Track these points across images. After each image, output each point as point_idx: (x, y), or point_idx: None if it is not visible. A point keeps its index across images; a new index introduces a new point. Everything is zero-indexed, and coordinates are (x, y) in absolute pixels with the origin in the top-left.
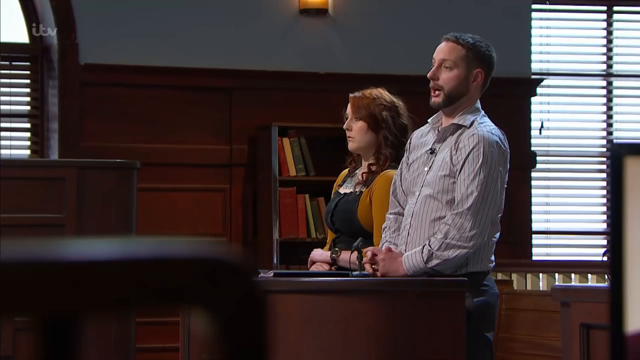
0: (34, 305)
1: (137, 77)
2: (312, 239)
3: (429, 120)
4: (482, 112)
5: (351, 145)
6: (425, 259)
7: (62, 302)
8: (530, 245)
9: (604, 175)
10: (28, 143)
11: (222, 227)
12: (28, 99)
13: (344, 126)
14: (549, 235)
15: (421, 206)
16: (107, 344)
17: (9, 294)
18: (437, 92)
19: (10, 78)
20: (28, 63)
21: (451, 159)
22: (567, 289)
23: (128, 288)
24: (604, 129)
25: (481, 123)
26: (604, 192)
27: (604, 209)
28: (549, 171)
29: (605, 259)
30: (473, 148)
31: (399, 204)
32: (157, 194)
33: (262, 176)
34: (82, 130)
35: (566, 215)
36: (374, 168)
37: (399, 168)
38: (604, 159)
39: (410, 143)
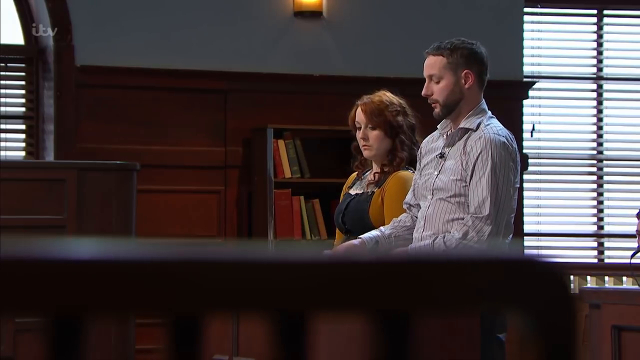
0: (373, 303)
1: (132, 79)
2: (307, 241)
3: (438, 127)
4: (489, 113)
5: (368, 154)
6: None
7: (397, 301)
8: (522, 247)
9: (594, 177)
10: (23, 145)
11: (217, 228)
12: (23, 100)
13: (359, 136)
14: (540, 237)
15: (434, 209)
16: (107, 345)
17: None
18: (434, 105)
19: (5, 80)
20: (23, 65)
21: (461, 163)
22: (597, 291)
23: (452, 288)
24: (594, 132)
25: (488, 125)
26: (595, 194)
27: (595, 211)
28: (540, 173)
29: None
30: (481, 152)
31: (410, 206)
32: (153, 196)
33: (257, 178)
34: (78, 132)
35: (557, 217)
36: (386, 169)
37: (414, 177)
38: (595, 161)
39: (421, 149)
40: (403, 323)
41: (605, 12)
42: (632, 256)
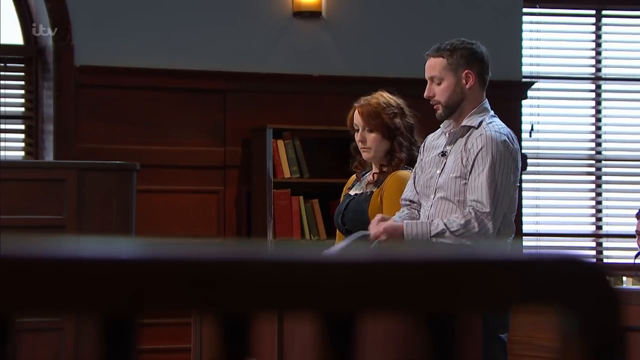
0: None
1: (132, 79)
2: (307, 241)
3: (441, 125)
4: (492, 112)
5: (366, 156)
6: (433, 233)
7: (443, 301)
8: (521, 247)
9: (592, 177)
10: (22, 145)
11: (217, 228)
12: (23, 100)
13: (358, 139)
14: (538, 237)
15: (436, 209)
16: None
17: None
18: (436, 106)
19: (5, 80)
20: (23, 65)
21: (462, 160)
22: None
23: (498, 288)
24: (592, 132)
25: (489, 123)
26: (593, 194)
27: (593, 211)
28: (539, 173)
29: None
30: (481, 149)
31: (411, 202)
32: (152, 196)
33: (256, 178)
34: (77, 132)
35: (556, 217)
36: (385, 169)
37: (414, 170)
38: (593, 161)
39: (424, 145)
40: (448, 323)
41: (604, 12)
42: (637, 256)
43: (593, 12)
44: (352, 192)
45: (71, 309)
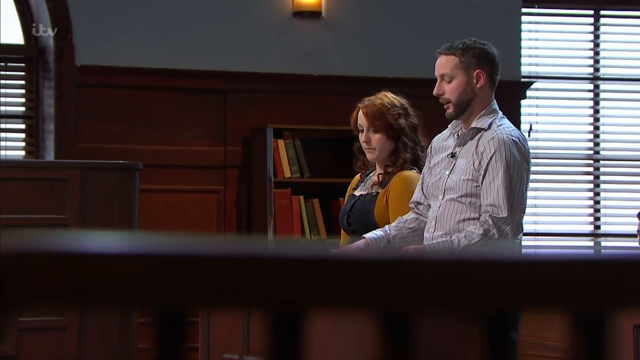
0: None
1: (132, 79)
2: (308, 240)
3: (449, 126)
4: (500, 113)
5: (371, 156)
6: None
7: (594, 300)
8: (520, 247)
9: (591, 177)
10: (23, 144)
11: (217, 228)
12: (23, 100)
13: (362, 139)
14: (537, 237)
15: (445, 210)
16: (109, 344)
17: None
18: (447, 105)
19: (5, 79)
20: (23, 64)
21: (473, 163)
22: None
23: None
24: (591, 132)
25: (500, 125)
26: (591, 194)
27: (591, 210)
28: (538, 173)
29: None
30: (494, 152)
31: (417, 204)
32: (152, 195)
33: (256, 178)
34: (78, 132)
35: (554, 217)
36: (390, 170)
37: (422, 173)
38: (591, 161)
39: (431, 147)
40: (600, 321)
41: (602, 12)
42: None
43: (591, 12)
44: (357, 193)
45: (243, 304)
